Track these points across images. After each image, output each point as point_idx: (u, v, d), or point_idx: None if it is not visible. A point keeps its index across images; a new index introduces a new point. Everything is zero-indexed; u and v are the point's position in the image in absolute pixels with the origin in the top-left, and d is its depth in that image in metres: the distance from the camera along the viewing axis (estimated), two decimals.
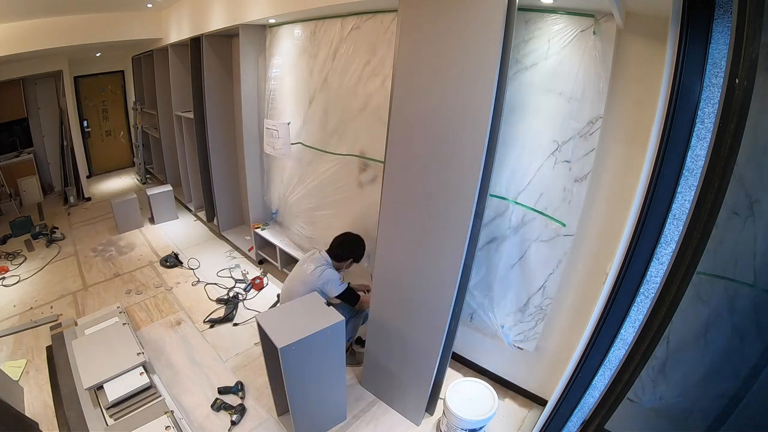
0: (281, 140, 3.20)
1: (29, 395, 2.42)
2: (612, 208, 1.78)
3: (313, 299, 2.06)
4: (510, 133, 1.92)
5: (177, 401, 2.32)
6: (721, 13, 1.20)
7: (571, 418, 1.82)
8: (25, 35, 4.05)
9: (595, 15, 1.61)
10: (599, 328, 1.57)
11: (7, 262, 4.01)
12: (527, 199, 1.96)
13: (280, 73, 3.21)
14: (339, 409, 2.22)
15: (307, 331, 1.79)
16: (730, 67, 1.06)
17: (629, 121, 1.67)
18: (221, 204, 4.30)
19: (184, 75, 4.38)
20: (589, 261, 1.92)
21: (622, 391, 1.54)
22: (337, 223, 2.99)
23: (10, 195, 5.39)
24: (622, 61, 1.61)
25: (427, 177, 1.80)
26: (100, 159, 7.01)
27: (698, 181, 1.27)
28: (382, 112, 2.37)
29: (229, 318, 3.11)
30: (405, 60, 1.75)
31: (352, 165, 2.75)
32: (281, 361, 1.73)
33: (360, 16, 2.42)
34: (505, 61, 1.50)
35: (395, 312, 2.14)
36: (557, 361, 2.12)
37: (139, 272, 3.84)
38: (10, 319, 3.15)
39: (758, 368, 1.32)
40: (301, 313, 1.96)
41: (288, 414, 2.05)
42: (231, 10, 3.21)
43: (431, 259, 1.89)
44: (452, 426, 2.01)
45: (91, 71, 6.42)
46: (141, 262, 4.02)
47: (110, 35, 4.59)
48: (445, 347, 2.01)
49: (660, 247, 1.41)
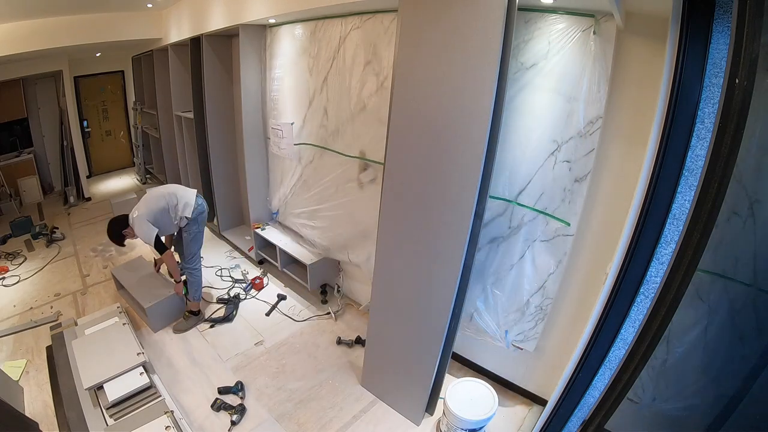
0: (285, 140, 3.21)
1: (29, 395, 2.41)
2: (612, 208, 1.78)
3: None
4: (510, 133, 1.92)
5: (177, 401, 2.32)
6: (721, 13, 1.20)
7: (571, 418, 1.82)
8: (25, 35, 4.05)
9: (595, 15, 1.61)
10: (599, 328, 1.57)
11: (7, 262, 4.01)
12: (527, 199, 1.96)
13: (281, 74, 3.21)
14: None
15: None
16: (730, 67, 1.06)
17: (629, 121, 1.67)
18: (221, 204, 4.30)
19: (184, 75, 4.38)
20: (589, 261, 1.92)
21: (622, 391, 1.54)
22: (338, 223, 2.99)
23: (10, 195, 5.39)
24: (622, 61, 1.61)
25: (427, 177, 1.80)
26: (100, 159, 7.01)
27: (698, 181, 1.26)
28: (382, 112, 2.37)
29: (230, 318, 3.11)
30: (405, 60, 1.75)
31: (352, 165, 2.75)
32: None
33: (360, 16, 2.42)
34: (506, 61, 1.50)
35: (395, 312, 2.14)
36: (557, 361, 2.12)
37: None
38: (10, 319, 3.15)
39: (758, 368, 1.32)
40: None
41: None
42: (231, 10, 3.21)
43: (431, 260, 1.89)
44: (452, 426, 2.01)
45: (91, 71, 6.42)
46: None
47: (110, 35, 4.59)
48: (445, 347, 2.01)
49: (660, 247, 1.41)
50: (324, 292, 3.36)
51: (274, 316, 3.19)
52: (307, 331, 3.01)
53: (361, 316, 3.15)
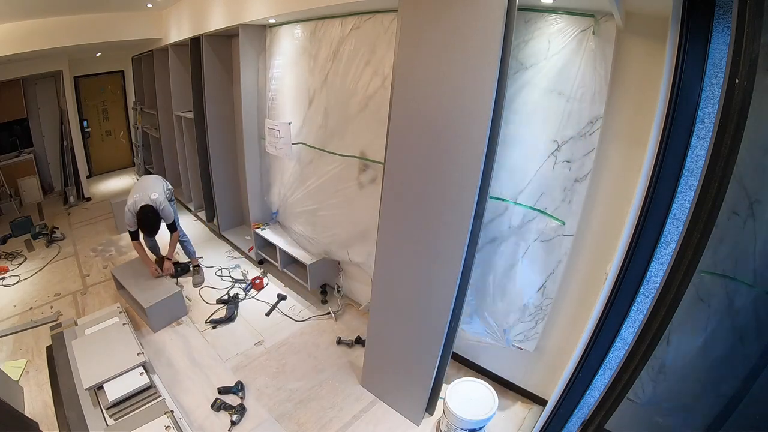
0: (282, 140, 3.21)
1: (29, 395, 2.41)
2: (612, 208, 1.78)
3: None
4: (510, 133, 1.91)
5: (177, 401, 2.32)
6: (721, 13, 1.20)
7: (571, 418, 1.82)
8: (25, 35, 4.05)
9: (595, 15, 1.61)
10: (599, 328, 1.57)
11: (7, 262, 4.01)
12: (527, 199, 1.96)
13: (281, 73, 3.21)
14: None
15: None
16: (730, 67, 1.06)
17: (629, 121, 1.66)
18: (221, 204, 4.30)
19: (184, 75, 4.38)
20: (589, 261, 1.92)
21: (622, 391, 1.54)
22: (338, 223, 2.99)
23: (10, 195, 5.39)
24: (622, 61, 1.61)
25: (427, 177, 1.80)
26: (100, 159, 7.01)
27: (698, 181, 1.26)
28: (382, 112, 2.37)
29: (232, 318, 3.11)
30: (405, 60, 1.75)
31: (352, 165, 2.75)
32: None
33: (360, 16, 2.42)
34: (505, 61, 1.50)
35: (395, 312, 2.14)
36: (557, 361, 2.12)
37: None
38: (10, 319, 3.15)
39: (758, 368, 1.32)
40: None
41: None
42: (231, 10, 3.21)
43: (431, 260, 1.89)
44: (452, 426, 2.01)
45: (91, 71, 6.41)
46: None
47: (110, 35, 4.59)
48: (445, 347, 2.01)
49: (660, 247, 1.41)
50: (324, 292, 3.36)
51: (274, 316, 3.19)
52: (307, 331, 3.01)
53: (361, 316, 3.15)
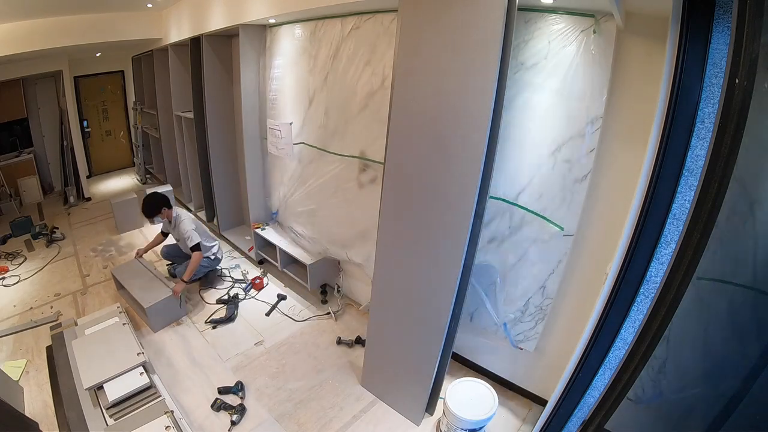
0: (284, 140, 3.21)
1: (29, 395, 2.42)
2: (612, 208, 1.78)
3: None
4: (510, 133, 1.91)
5: (177, 401, 2.32)
6: (721, 13, 1.20)
7: (571, 418, 1.82)
8: (25, 35, 4.05)
9: (595, 15, 1.61)
10: (599, 328, 1.57)
11: (7, 262, 4.01)
12: (527, 199, 1.96)
13: (281, 74, 3.21)
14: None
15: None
16: (730, 67, 1.06)
17: (629, 121, 1.67)
18: (221, 204, 4.30)
19: (184, 75, 4.38)
20: (589, 261, 1.92)
21: (622, 391, 1.54)
22: (338, 223, 2.99)
23: (10, 195, 5.39)
24: (622, 61, 1.61)
25: (427, 177, 1.80)
26: (100, 159, 7.01)
27: (698, 181, 1.26)
28: (382, 112, 2.37)
29: (233, 318, 3.11)
30: (405, 60, 1.75)
31: (352, 165, 2.75)
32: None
33: (360, 16, 2.42)
34: (505, 61, 1.50)
35: (395, 312, 2.14)
36: (557, 361, 2.12)
37: None
38: (10, 319, 3.15)
39: (758, 368, 1.32)
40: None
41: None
42: (231, 10, 3.21)
43: (431, 260, 1.89)
44: (452, 426, 2.01)
45: (91, 71, 6.42)
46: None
47: (110, 35, 4.59)
48: (445, 347, 2.01)
49: (660, 247, 1.41)
50: (324, 292, 3.36)
51: (274, 316, 3.19)
52: (307, 331, 3.01)
53: (361, 316, 3.15)
